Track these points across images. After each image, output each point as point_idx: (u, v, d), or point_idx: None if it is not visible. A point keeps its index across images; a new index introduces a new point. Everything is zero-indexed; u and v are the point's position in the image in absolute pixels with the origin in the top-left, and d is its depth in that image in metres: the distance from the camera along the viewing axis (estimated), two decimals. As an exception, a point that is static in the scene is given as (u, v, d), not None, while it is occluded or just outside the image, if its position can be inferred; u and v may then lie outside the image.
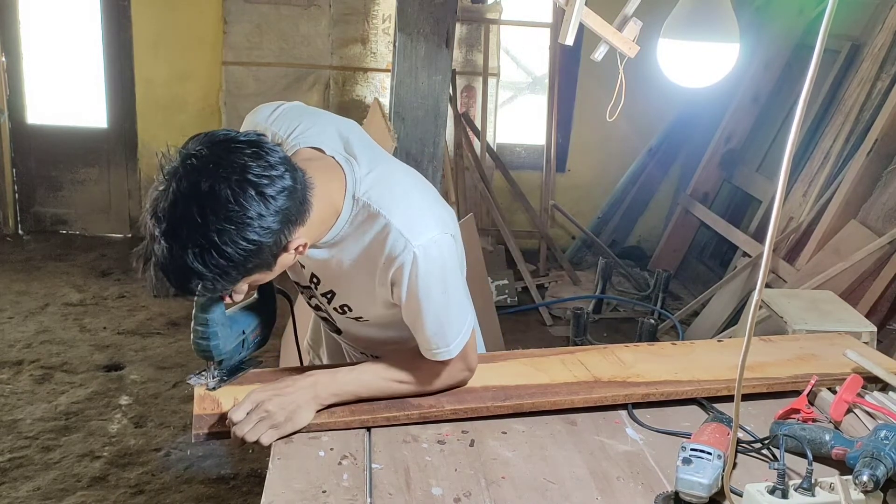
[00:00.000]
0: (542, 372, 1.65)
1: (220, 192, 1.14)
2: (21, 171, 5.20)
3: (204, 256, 1.15)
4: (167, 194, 1.16)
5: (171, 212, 1.15)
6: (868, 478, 1.23)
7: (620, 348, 1.80)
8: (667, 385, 1.64)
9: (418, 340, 1.45)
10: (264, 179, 1.17)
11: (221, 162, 1.16)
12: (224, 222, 1.15)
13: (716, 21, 2.35)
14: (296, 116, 1.46)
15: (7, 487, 2.80)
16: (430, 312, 1.39)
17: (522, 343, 4.26)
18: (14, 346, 3.79)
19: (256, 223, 1.17)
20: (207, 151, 1.17)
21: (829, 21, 0.98)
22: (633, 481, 1.36)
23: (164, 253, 1.16)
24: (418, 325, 1.42)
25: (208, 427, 1.41)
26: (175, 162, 1.18)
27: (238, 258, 1.18)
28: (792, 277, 3.99)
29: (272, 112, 1.49)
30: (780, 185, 1.04)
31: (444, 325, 1.42)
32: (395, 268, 1.35)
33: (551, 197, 5.40)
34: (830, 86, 4.38)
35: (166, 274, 1.18)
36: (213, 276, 1.18)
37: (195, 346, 1.45)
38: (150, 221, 1.18)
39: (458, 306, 1.44)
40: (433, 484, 1.32)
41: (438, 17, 2.81)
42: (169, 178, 1.17)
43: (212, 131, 1.23)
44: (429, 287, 1.37)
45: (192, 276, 1.18)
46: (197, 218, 1.14)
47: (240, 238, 1.16)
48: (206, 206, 1.14)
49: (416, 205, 1.39)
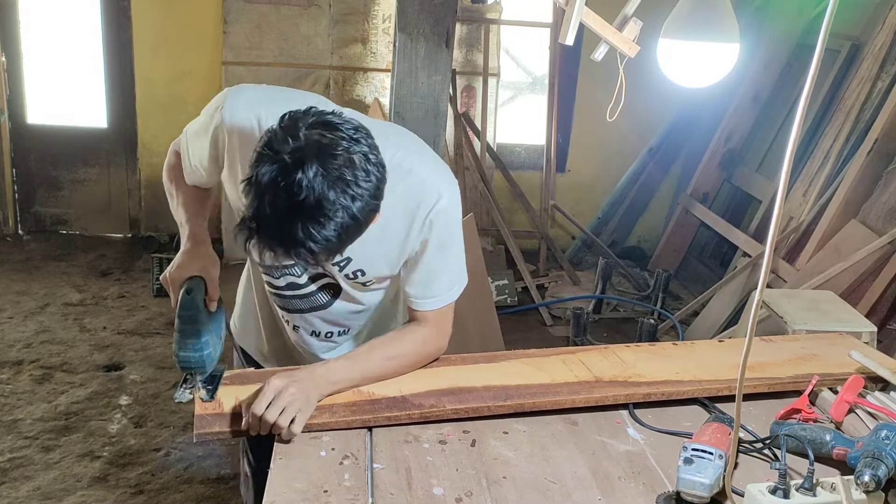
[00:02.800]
0: (543, 372, 1.66)
1: (355, 160, 1.19)
2: (21, 171, 5.19)
3: (350, 210, 1.18)
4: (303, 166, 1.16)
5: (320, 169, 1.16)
6: (870, 478, 1.23)
7: (621, 348, 1.80)
8: (668, 385, 1.64)
9: (425, 290, 1.54)
10: (375, 150, 1.24)
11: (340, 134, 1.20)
12: (362, 183, 1.19)
13: (716, 21, 2.35)
14: (284, 100, 1.44)
15: (7, 487, 2.80)
16: (451, 258, 1.53)
17: (522, 343, 4.24)
18: (14, 346, 3.79)
19: (379, 187, 1.23)
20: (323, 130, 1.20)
21: (830, 21, 0.98)
22: (635, 481, 1.36)
23: (319, 190, 1.15)
24: (436, 272, 1.52)
25: (209, 427, 1.41)
26: (299, 142, 1.17)
27: (365, 221, 1.23)
28: (792, 277, 3.99)
29: (257, 96, 1.47)
30: (780, 185, 1.04)
31: (455, 273, 1.56)
32: (431, 217, 1.45)
33: (551, 197, 5.39)
34: (830, 86, 4.38)
35: (306, 228, 1.16)
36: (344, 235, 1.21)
37: (186, 360, 1.41)
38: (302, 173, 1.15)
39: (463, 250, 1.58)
40: (434, 484, 1.32)
41: (438, 17, 2.81)
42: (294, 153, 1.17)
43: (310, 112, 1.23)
44: (453, 234, 1.51)
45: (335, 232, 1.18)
46: (347, 177, 1.17)
47: (370, 199, 1.21)
48: (347, 171, 1.18)
49: (433, 158, 1.52)
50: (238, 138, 1.43)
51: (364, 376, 1.53)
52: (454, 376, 1.62)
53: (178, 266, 1.48)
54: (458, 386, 1.58)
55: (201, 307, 1.42)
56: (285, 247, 1.19)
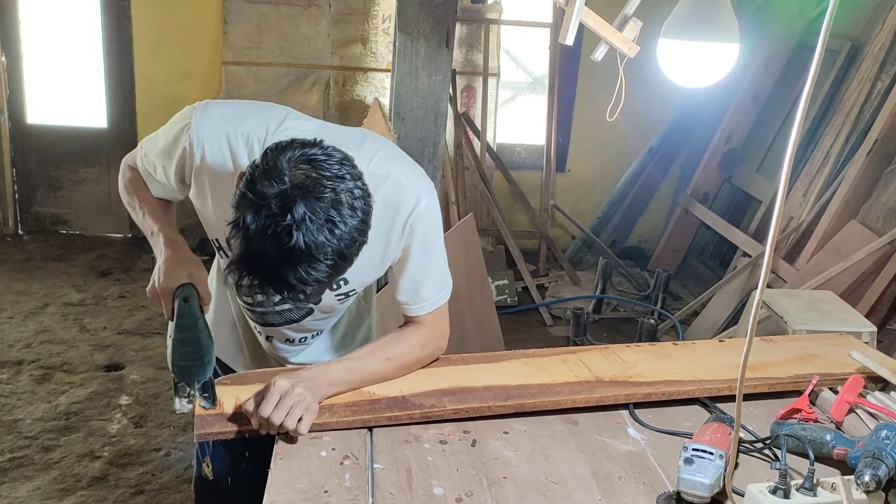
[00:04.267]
0: (543, 372, 1.65)
1: (343, 201, 1.18)
2: (21, 171, 5.19)
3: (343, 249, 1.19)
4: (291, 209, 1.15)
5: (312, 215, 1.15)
6: (870, 478, 1.23)
7: (622, 348, 1.80)
8: (668, 385, 1.64)
9: (415, 295, 1.54)
10: (359, 182, 1.22)
11: (325, 175, 1.18)
12: (349, 221, 1.18)
13: (716, 21, 2.35)
14: (252, 115, 1.46)
15: (7, 487, 2.80)
16: (435, 260, 1.53)
17: (523, 343, 4.25)
18: (14, 346, 3.79)
19: (365, 220, 1.23)
20: (308, 168, 1.18)
21: (830, 21, 0.98)
22: (635, 481, 1.36)
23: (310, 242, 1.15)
24: (423, 276, 1.52)
25: (210, 428, 1.41)
26: (284, 185, 1.16)
27: (354, 255, 1.24)
28: (792, 277, 3.99)
29: (223, 113, 1.45)
30: (781, 185, 1.04)
31: (442, 273, 1.56)
32: (411, 223, 1.45)
33: (551, 197, 5.39)
34: (830, 86, 4.38)
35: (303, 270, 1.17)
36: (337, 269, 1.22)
37: (187, 369, 1.38)
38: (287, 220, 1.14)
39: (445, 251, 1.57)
40: (435, 484, 1.32)
41: (438, 17, 2.82)
42: (281, 198, 1.15)
43: (292, 145, 1.21)
44: (434, 237, 1.51)
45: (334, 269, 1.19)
46: (337, 221, 1.17)
47: (358, 235, 1.22)
48: (336, 215, 1.17)
49: (408, 162, 1.51)
50: (209, 158, 1.42)
51: (364, 378, 1.53)
52: (455, 376, 1.61)
53: (166, 276, 1.43)
54: (459, 386, 1.57)
55: (199, 314, 1.40)
56: (276, 289, 1.20)
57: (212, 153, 1.41)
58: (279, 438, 1.40)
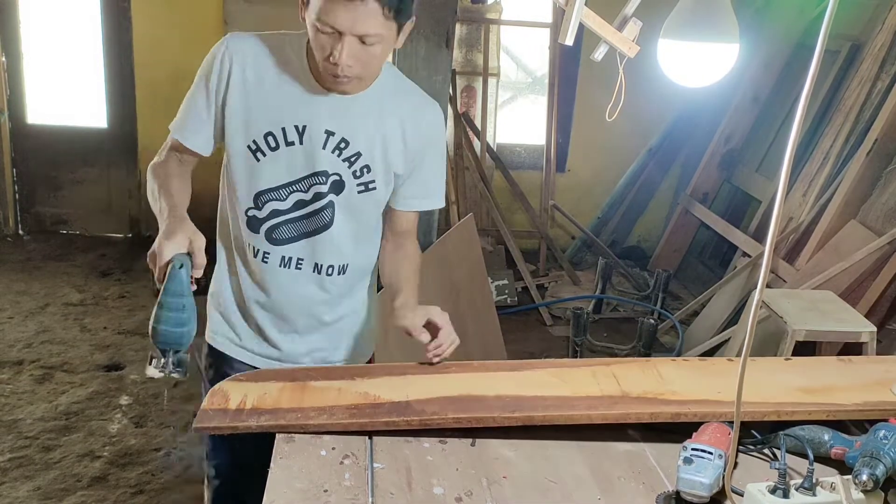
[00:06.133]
0: (566, 383, 1.55)
1: None
2: (21, 171, 5.19)
3: None
4: None
5: None
6: (868, 477, 1.23)
7: (664, 362, 1.67)
8: (702, 405, 1.46)
9: (426, 190, 1.72)
10: None
11: None
12: None
13: (716, 21, 2.35)
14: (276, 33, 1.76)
15: (7, 487, 2.80)
16: (441, 166, 1.72)
17: (522, 343, 4.26)
18: (14, 346, 3.79)
19: None
20: None
21: (830, 21, 0.98)
22: (635, 481, 1.36)
23: None
24: (434, 174, 1.71)
25: (209, 422, 1.41)
26: None
27: None
28: (792, 277, 3.99)
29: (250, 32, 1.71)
30: (780, 185, 1.04)
31: (443, 180, 1.76)
32: (430, 119, 1.67)
33: (551, 197, 5.40)
34: (830, 86, 4.39)
35: None
36: None
37: (165, 334, 1.38)
38: None
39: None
40: (434, 483, 1.32)
41: (438, 17, 2.82)
42: None
43: None
44: (443, 145, 1.74)
45: None
46: None
47: None
48: None
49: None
50: (249, 51, 1.65)
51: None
52: (468, 383, 1.55)
53: (166, 237, 1.43)
54: (469, 394, 1.50)
55: (188, 283, 1.40)
56: None
57: (253, 46, 1.66)
58: (279, 438, 1.40)
